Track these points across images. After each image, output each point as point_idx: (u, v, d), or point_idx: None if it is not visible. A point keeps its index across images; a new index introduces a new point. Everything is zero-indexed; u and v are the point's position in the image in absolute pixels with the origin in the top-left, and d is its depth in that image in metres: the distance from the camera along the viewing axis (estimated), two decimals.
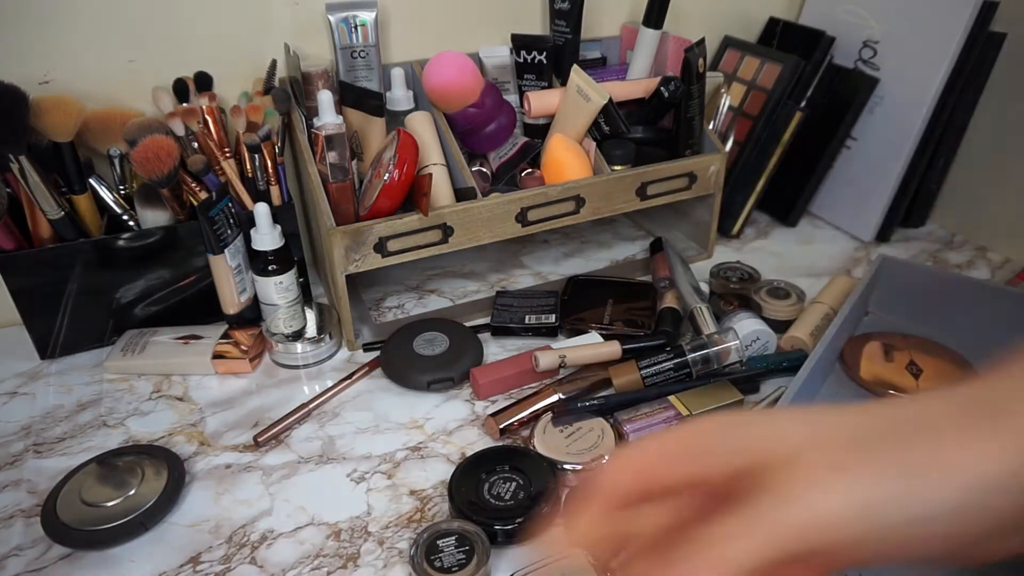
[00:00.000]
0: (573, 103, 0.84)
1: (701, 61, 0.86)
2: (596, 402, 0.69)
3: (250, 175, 0.82)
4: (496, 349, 0.82)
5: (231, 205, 0.80)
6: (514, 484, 0.61)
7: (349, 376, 0.77)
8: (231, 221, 0.80)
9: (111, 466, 0.64)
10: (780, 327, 0.81)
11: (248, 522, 0.61)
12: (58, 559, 0.58)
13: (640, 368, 0.71)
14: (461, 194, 0.81)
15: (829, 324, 0.73)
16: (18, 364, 0.80)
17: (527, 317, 0.83)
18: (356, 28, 0.83)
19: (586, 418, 0.68)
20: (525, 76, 0.91)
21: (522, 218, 0.81)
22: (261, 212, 0.78)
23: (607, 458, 0.64)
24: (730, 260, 0.92)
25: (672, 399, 0.70)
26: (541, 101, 0.87)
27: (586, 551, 0.50)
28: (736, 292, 0.86)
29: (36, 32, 0.77)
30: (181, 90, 0.81)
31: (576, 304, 0.85)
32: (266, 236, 0.79)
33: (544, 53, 0.89)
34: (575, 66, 0.85)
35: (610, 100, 0.83)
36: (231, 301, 0.83)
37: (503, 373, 0.75)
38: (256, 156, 0.80)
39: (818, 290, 0.87)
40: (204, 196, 0.81)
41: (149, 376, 0.78)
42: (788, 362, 0.75)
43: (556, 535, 0.36)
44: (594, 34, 1.02)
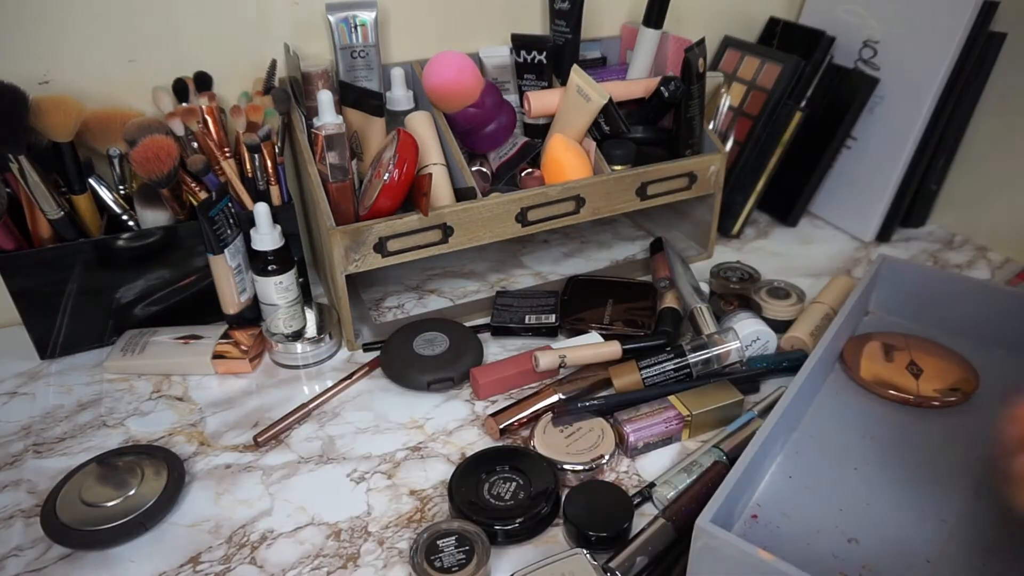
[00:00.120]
0: (573, 103, 0.84)
1: (701, 61, 0.86)
2: (596, 402, 0.69)
3: (250, 175, 0.82)
4: (496, 349, 0.82)
5: (231, 205, 0.80)
6: (514, 484, 0.61)
7: (349, 376, 0.77)
8: (231, 221, 0.80)
9: (111, 466, 0.64)
10: (780, 327, 0.81)
11: (248, 522, 0.61)
12: (58, 559, 0.58)
13: (640, 368, 0.71)
14: (461, 194, 0.81)
15: (829, 324, 0.73)
16: (18, 364, 0.80)
17: (527, 317, 0.83)
18: (356, 28, 0.83)
19: (586, 418, 0.68)
20: (525, 76, 0.91)
21: (522, 218, 0.81)
22: (261, 212, 0.78)
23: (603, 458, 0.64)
24: (730, 260, 0.92)
25: (672, 399, 0.70)
26: (541, 101, 0.87)
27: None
28: (736, 292, 0.85)
29: (36, 32, 0.77)
30: (181, 90, 0.81)
31: (576, 304, 0.85)
32: (266, 236, 0.79)
33: (544, 53, 0.89)
34: (575, 66, 0.85)
35: (610, 100, 0.83)
36: (231, 301, 0.83)
37: (503, 373, 0.75)
38: (256, 156, 0.80)
39: (818, 290, 0.87)
40: (204, 196, 0.81)
41: (149, 376, 0.78)
42: (788, 362, 0.75)
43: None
44: (594, 34, 1.02)
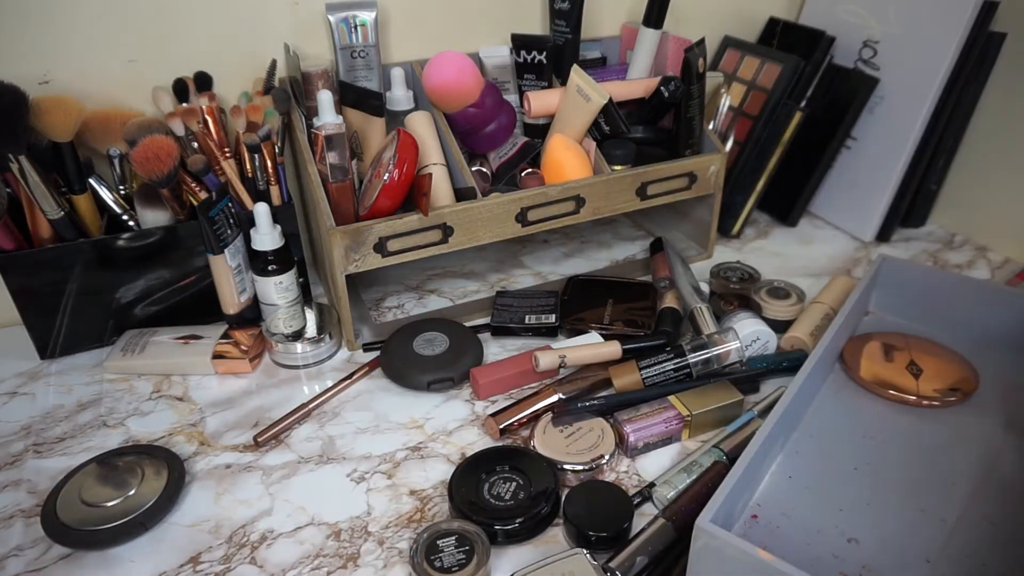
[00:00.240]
0: (573, 103, 0.84)
1: (701, 61, 0.86)
2: (596, 402, 0.69)
3: (250, 175, 0.82)
4: (496, 349, 0.82)
5: (231, 205, 0.80)
6: (514, 484, 0.61)
7: (349, 376, 0.77)
8: (231, 221, 0.80)
9: (111, 466, 0.64)
10: (780, 327, 0.81)
11: (248, 522, 0.61)
12: (58, 559, 0.58)
13: (640, 368, 0.71)
14: (461, 194, 0.81)
15: (829, 324, 0.73)
16: (18, 364, 0.80)
17: (527, 317, 0.83)
18: (356, 28, 0.83)
19: (586, 418, 0.68)
20: (525, 76, 0.91)
21: (522, 218, 0.81)
22: (261, 212, 0.78)
23: (605, 458, 0.64)
24: (730, 260, 0.92)
25: (672, 399, 0.70)
26: (541, 101, 0.87)
27: None
28: (736, 292, 0.85)
29: (36, 32, 0.77)
30: (181, 90, 0.81)
31: (576, 304, 0.85)
32: (266, 236, 0.79)
33: (544, 53, 0.89)
34: (575, 66, 0.85)
35: (610, 100, 0.83)
36: (231, 301, 0.83)
37: (503, 373, 0.75)
38: (256, 156, 0.80)
39: (818, 290, 0.87)
40: (204, 196, 0.81)
41: (149, 376, 0.78)
42: (788, 362, 0.75)
43: None
44: (594, 34, 1.02)
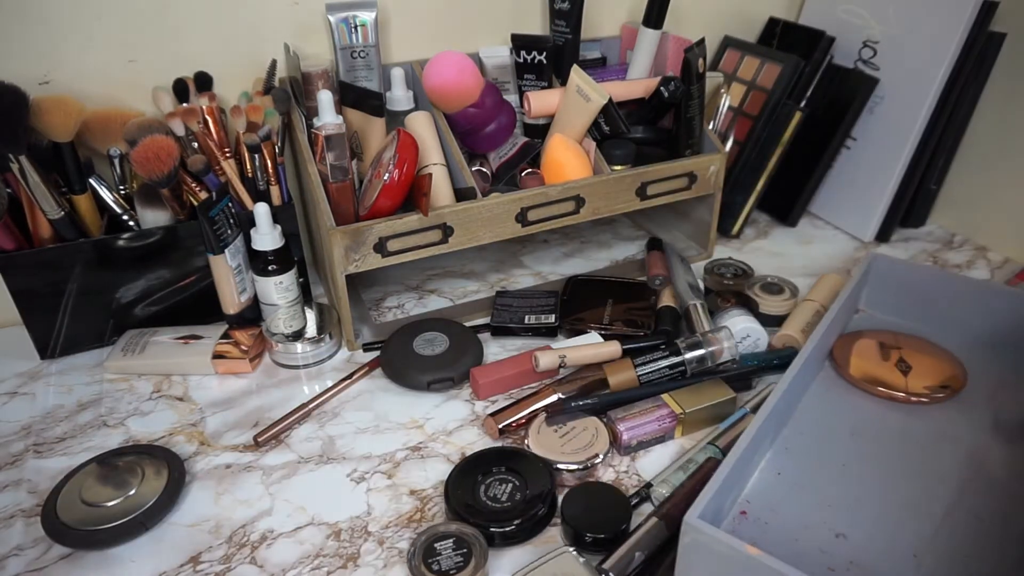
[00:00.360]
0: (573, 103, 0.84)
1: (701, 61, 0.86)
2: (589, 401, 0.69)
3: (250, 175, 0.82)
4: (496, 349, 0.82)
5: (231, 205, 0.80)
6: (510, 486, 0.61)
7: (349, 376, 0.77)
8: (231, 221, 0.80)
9: (111, 466, 0.64)
10: (774, 322, 0.81)
11: (248, 522, 0.61)
12: (58, 559, 0.58)
13: (636, 366, 0.71)
14: (461, 194, 0.81)
15: (820, 321, 0.73)
16: (18, 364, 0.80)
17: (527, 317, 0.83)
18: (356, 28, 0.83)
19: (580, 417, 0.68)
20: (525, 76, 0.91)
21: (522, 218, 0.81)
22: (261, 212, 0.78)
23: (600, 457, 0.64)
24: (723, 256, 0.92)
25: (665, 397, 0.69)
26: (541, 101, 0.87)
27: None
28: (732, 289, 0.86)
29: (36, 32, 0.77)
30: (181, 90, 0.81)
31: (575, 304, 0.85)
32: (266, 236, 0.79)
33: (544, 53, 0.89)
34: (575, 66, 0.85)
35: (610, 100, 0.83)
36: (231, 301, 0.83)
37: (503, 373, 0.75)
38: (256, 156, 0.80)
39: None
40: (204, 196, 0.81)
41: (149, 376, 0.78)
42: (779, 360, 0.75)
43: None
44: (594, 34, 1.02)
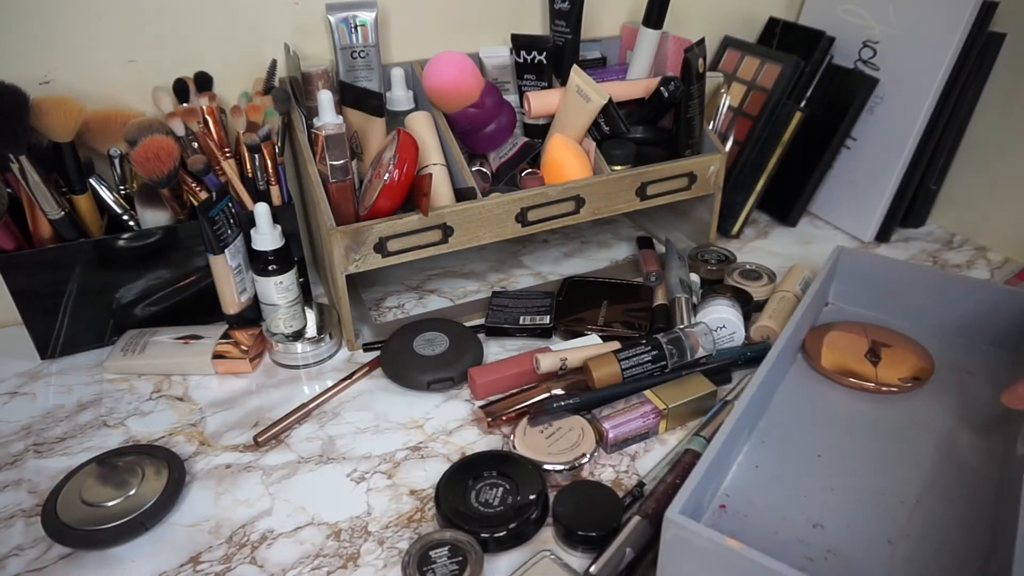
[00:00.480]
0: (573, 103, 0.84)
1: (701, 61, 0.86)
2: (572, 401, 0.68)
3: (250, 175, 0.82)
4: (496, 349, 0.82)
5: (231, 205, 0.80)
6: (501, 490, 0.61)
7: (349, 376, 0.77)
8: (231, 221, 0.80)
9: (111, 466, 0.64)
10: (755, 307, 0.84)
11: (248, 522, 0.61)
12: (58, 559, 0.58)
13: (619, 360, 0.70)
14: (461, 194, 0.81)
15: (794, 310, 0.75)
16: (18, 364, 0.80)
17: (522, 318, 0.83)
18: (356, 28, 0.83)
19: (563, 417, 0.68)
20: (525, 76, 0.91)
21: (522, 218, 0.81)
22: (261, 212, 0.78)
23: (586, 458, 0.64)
24: (704, 244, 0.96)
25: (648, 393, 0.69)
26: (541, 101, 0.87)
27: None
28: (719, 278, 0.89)
29: (36, 32, 0.77)
30: (181, 90, 0.81)
31: (571, 305, 0.85)
32: (266, 236, 0.79)
33: (544, 53, 0.89)
34: (575, 66, 0.85)
35: (610, 100, 0.83)
36: (231, 301, 0.83)
37: (501, 374, 0.75)
38: (256, 156, 0.80)
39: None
40: (204, 196, 0.81)
41: (149, 376, 0.78)
42: (753, 352, 0.76)
43: None
44: (594, 34, 1.02)
